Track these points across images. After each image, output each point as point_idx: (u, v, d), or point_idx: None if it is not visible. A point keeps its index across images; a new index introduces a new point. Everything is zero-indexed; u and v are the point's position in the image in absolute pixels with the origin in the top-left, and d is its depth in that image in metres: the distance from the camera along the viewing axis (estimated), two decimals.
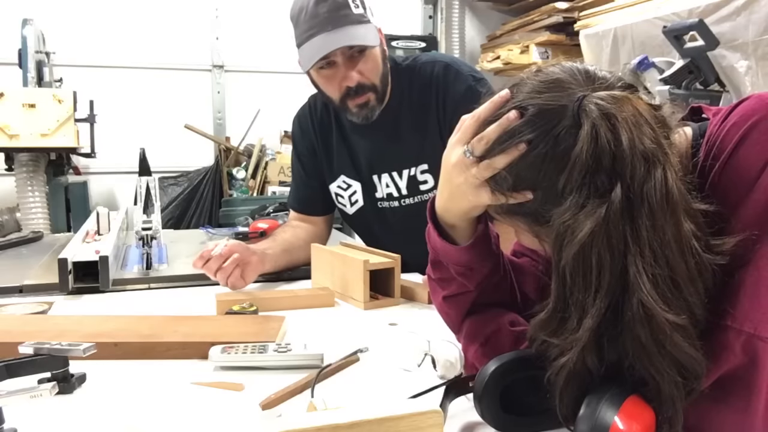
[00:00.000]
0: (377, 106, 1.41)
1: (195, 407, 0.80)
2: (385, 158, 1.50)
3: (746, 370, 0.60)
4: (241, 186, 3.57)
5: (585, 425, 0.60)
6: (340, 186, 1.58)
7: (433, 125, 1.43)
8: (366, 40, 1.34)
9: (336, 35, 1.31)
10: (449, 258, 0.80)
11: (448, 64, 1.45)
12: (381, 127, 1.46)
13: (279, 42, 3.77)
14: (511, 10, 3.97)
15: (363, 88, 1.37)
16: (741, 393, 0.61)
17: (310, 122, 1.59)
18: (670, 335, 0.57)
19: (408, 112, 1.46)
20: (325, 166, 1.59)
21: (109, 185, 3.60)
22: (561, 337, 0.62)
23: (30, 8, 3.21)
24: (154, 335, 1.00)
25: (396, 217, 1.53)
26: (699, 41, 2.27)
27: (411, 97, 1.46)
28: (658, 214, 0.58)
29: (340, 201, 1.60)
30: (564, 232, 0.61)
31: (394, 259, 1.28)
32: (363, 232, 1.67)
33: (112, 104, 3.30)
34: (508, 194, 0.69)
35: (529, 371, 0.69)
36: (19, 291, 1.39)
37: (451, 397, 0.73)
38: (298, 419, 0.57)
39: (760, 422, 0.59)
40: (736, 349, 0.60)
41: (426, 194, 1.48)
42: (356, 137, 1.52)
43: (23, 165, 2.91)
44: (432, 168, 1.45)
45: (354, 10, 1.32)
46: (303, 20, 1.34)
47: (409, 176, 1.48)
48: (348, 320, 1.20)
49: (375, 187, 1.53)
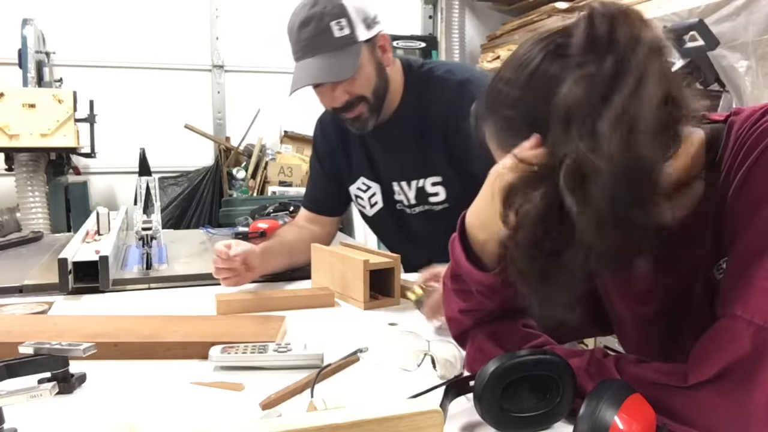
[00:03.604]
0: (371, 118, 1.41)
1: (195, 407, 0.80)
2: (395, 165, 1.49)
3: (751, 361, 0.60)
4: (241, 186, 3.56)
5: (585, 425, 0.60)
6: (359, 188, 1.57)
7: (440, 141, 1.41)
8: (343, 72, 1.32)
9: (315, 64, 1.32)
10: (472, 278, 0.79)
11: (463, 82, 1.39)
12: (391, 133, 1.46)
13: (279, 42, 3.73)
14: (511, 10, 3.97)
15: (351, 104, 1.37)
16: (743, 385, 0.60)
17: (331, 125, 1.59)
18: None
19: (417, 122, 1.44)
20: (345, 168, 1.58)
21: (109, 185, 3.60)
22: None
23: (30, 8, 3.20)
24: (154, 335, 1.00)
25: (414, 219, 1.52)
26: (699, 41, 2.27)
27: (422, 107, 1.43)
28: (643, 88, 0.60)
29: (359, 202, 1.59)
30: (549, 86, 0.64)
31: (394, 259, 1.28)
32: (383, 233, 1.66)
33: (112, 104, 3.30)
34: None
35: (529, 371, 0.70)
36: (19, 291, 1.39)
37: (451, 397, 0.73)
38: (298, 419, 0.57)
39: (760, 415, 0.59)
40: (744, 340, 0.60)
41: (435, 206, 1.46)
42: (372, 140, 1.52)
43: (23, 165, 2.91)
44: (445, 181, 1.43)
45: (337, 33, 1.31)
46: (291, 41, 1.36)
47: (418, 187, 1.47)
48: (348, 320, 1.20)
49: (392, 191, 1.53)
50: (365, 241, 3.37)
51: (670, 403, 0.64)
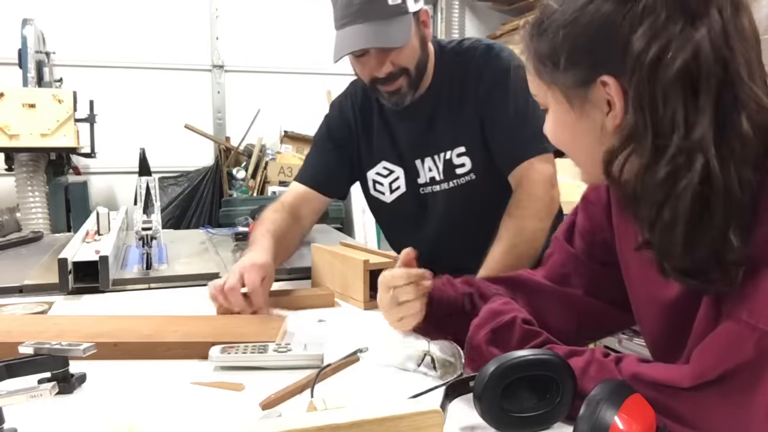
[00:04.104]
0: (409, 92, 1.40)
1: (195, 407, 0.80)
2: (425, 141, 1.47)
3: (754, 366, 0.60)
4: (241, 186, 3.56)
5: (585, 425, 0.60)
6: (379, 173, 1.53)
7: (471, 105, 1.41)
8: (394, 40, 1.31)
9: (366, 30, 1.29)
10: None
11: (490, 46, 1.43)
12: (420, 110, 1.44)
13: (279, 41, 3.78)
14: (511, 10, 3.97)
15: (394, 75, 1.36)
16: (745, 389, 0.60)
17: (350, 108, 1.55)
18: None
19: (447, 94, 1.43)
20: (364, 152, 1.54)
21: (109, 185, 3.60)
22: (672, 160, 0.62)
23: (30, 8, 3.21)
24: (154, 335, 1.00)
25: (435, 202, 1.50)
26: None
27: (452, 80, 1.44)
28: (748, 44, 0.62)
29: (378, 188, 1.55)
30: (660, 53, 0.62)
31: (394, 259, 1.28)
32: (398, 220, 1.59)
33: (112, 104, 3.30)
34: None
35: (529, 372, 0.70)
36: (19, 291, 1.39)
37: (451, 397, 0.73)
38: (298, 419, 0.57)
39: (761, 419, 0.59)
40: (748, 345, 0.60)
41: (461, 178, 1.44)
42: (396, 120, 1.50)
43: (23, 165, 2.91)
44: (469, 150, 1.42)
45: (390, 0, 1.29)
46: (338, 6, 1.32)
47: (445, 159, 1.45)
48: (348, 320, 1.20)
49: (417, 172, 1.50)
50: (365, 241, 3.37)
51: (671, 405, 0.64)
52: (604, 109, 0.68)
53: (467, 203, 1.45)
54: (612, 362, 0.71)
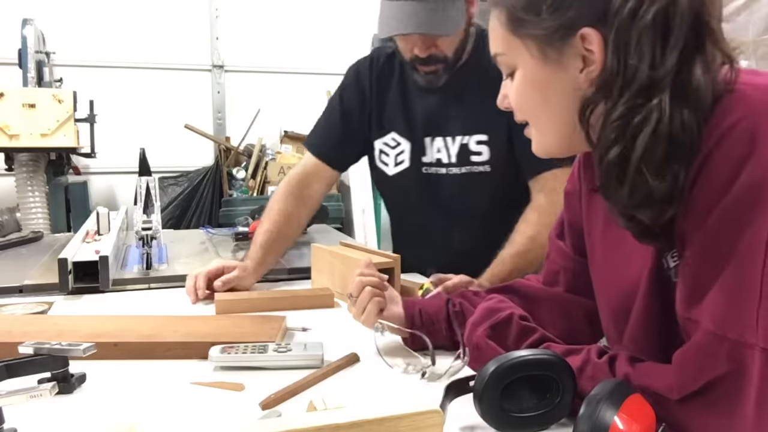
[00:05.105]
0: (444, 75, 1.38)
1: (195, 407, 0.80)
2: (444, 121, 1.44)
3: (733, 377, 0.59)
4: (241, 186, 3.56)
5: (585, 425, 0.60)
6: (387, 143, 1.51)
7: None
8: (447, 26, 1.28)
9: (419, 10, 1.25)
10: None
11: None
12: (447, 89, 1.42)
13: (279, 41, 3.78)
14: None
15: (432, 59, 1.34)
16: (728, 399, 0.60)
17: (368, 74, 1.52)
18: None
19: (477, 77, 1.40)
20: (375, 120, 1.52)
21: (109, 185, 3.60)
22: (630, 99, 0.63)
23: (30, 8, 3.20)
24: (154, 335, 1.00)
25: (438, 185, 1.47)
26: None
27: (488, 67, 1.40)
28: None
29: (383, 159, 1.53)
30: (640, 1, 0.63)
31: (394, 259, 1.28)
32: (398, 196, 1.59)
33: (112, 104, 3.30)
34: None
35: (529, 371, 0.70)
36: (19, 291, 1.39)
37: (451, 397, 0.73)
38: (298, 419, 0.57)
39: (748, 428, 0.58)
40: (721, 358, 0.59)
41: (476, 166, 1.42)
42: (418, 95, 1.47)
43: (23, 165, 2.91)
44: (491, 140, 1.40)
45: None
46: None
47: (461, 144, 1.43)
48: (348, 320, 1.20)
49: (424, 150, 1.47)
50: (365, 241, 3.37)
51: (660, 411, 0.63)
52: (578, 66, 0.68)
53: (477, 193, 1.43)
54: (606, 364, 0.71)
